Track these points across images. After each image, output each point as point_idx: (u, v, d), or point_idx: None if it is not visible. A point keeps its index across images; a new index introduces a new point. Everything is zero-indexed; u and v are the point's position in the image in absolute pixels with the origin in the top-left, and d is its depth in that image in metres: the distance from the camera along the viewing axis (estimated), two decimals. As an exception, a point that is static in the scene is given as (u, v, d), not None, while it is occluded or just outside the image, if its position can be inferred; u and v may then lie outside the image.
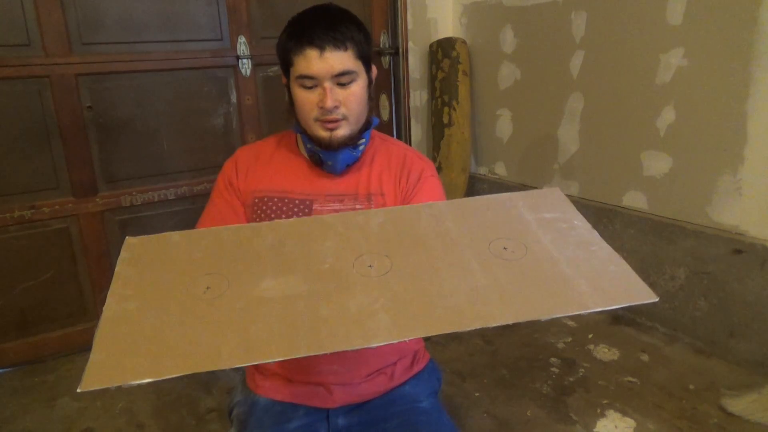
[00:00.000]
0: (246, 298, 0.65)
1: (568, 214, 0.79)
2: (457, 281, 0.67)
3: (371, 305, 0.64)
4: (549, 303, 0.64)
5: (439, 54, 2.66)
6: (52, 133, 1.94)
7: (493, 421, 1.64)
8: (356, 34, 0.92)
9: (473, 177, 2.83)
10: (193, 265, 0.70)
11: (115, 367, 0.57)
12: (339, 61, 0.89)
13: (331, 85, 0.90)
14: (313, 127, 0.94)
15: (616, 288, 0.66)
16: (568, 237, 0.75)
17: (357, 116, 0.95)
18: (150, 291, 0.66)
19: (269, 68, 2.31)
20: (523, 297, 0.65)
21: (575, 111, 2.25)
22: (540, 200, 0.75)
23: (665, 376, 1.79)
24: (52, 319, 2.07)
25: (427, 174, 1.02)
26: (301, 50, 0.89)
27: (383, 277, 0.68)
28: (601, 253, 0.73)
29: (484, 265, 0.70)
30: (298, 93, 0.93)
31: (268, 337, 0.60)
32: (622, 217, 2.13)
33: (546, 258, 0.71)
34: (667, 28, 1.86)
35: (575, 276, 0.68)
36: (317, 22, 0.90)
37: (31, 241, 1.97)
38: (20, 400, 1.83)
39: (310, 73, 0.90)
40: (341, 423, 0.97)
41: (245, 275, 0.68)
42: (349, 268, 0.69)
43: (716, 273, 1.85)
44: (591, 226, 0.77)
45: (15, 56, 1.84)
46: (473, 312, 0.63)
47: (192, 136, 2.20)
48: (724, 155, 1.78)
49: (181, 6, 2.08)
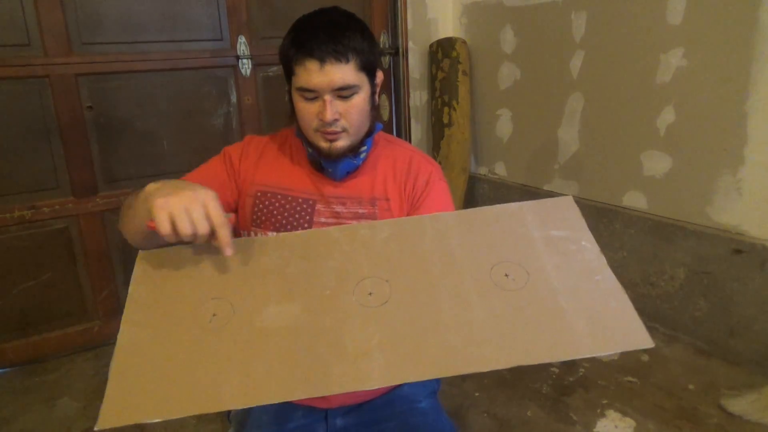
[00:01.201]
0: (249, 328, 0.69)
1: (577, 231, 0.78)
2: (455, 315, 0.68)
3: (367, 342, 0.67)
4: (542, 348, 0.65)
5: (439, 54, 2.66)
6: (52, 133, 1.94)
7: (493, 421, 1.64)
8: (360, 43, 0.88)
9: (473, 177, 2.83)
10: (202, 287, 0.74)
11: (128, 407, 0.63)
12: (340, 75, 0.86)
13: (331, 98, 0.88)
14: (313, 136, 0.93)
15: (613, 331, 0.66)
16: (573, 262, 0.74)
17: (357, 128, 0.93)
18: (160, 319, 0.71)
19: (269, 68, 2.31)
20: (517, 340, 0.66)
21: (575, 111, 2.25)
22: (550, 212, 0.74)
23: (665, 376, 1.79)
24: (52, 319, 2.07)
25: (434, 178, 1.01)
26: (302, 61, 0.87)
27: (382, 308, 0.70)
28: (605, 284, 0.72)
29: (483, 296, 0.70)
30: (299, 103, 0.91)
31: (267, 378, 0.64)
32: (622, 217, 2.13)
33: (546, 291, 0.71)
34: (667, 28, 1.86)
35: (574, 313, 0.68)
36: (320, 31, 0.86)
37: (31, 241, 1.97)
38: (20, 400, 1.83)
39: (309, 86, 0.87)
40: (339, 423, 0.97)
41: (249, 300, 0.72)
42: (350, 295, 0.72)
43: (716, 273, 1.85)
44: (599, 248, 0.76)
45: (15, 56, 1.84)
46: (467, 354, 0.65)
47: (192, 136, 2.20)
48: (724, 155, 1.78)
49: (181, 6, 2.08)
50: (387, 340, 0.67)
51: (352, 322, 0.69)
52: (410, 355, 0.65)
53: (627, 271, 2.14)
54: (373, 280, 0.73)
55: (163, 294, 0.73)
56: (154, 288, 0.74)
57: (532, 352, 0.65)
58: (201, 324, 0.70)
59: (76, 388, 1.89)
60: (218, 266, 0.76)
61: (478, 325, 0.68)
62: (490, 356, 0.65)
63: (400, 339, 0.67)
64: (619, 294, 0.71)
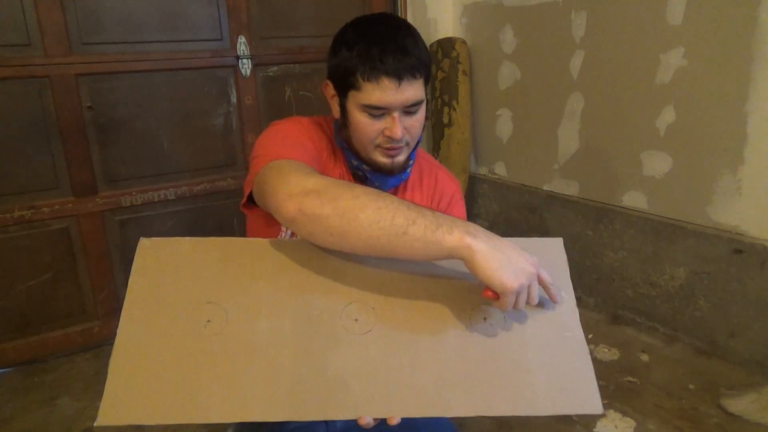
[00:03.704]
0: (239, 341, 0.72)
1: (559, 280, 0.81)
2: (431, 355, 0.73)
3: (346, 370, 0.71)
4: (504, 401, 0.71)
5: (439, 54, 2.66)
6: (52, 133, 1.94)
7: (493, 421, 1.64)
8: (425, 54, 0.85)
9: (473, 177, 2.83)
10: (199, 287, 0.76)
11: (125, 408, 0.67)
12: (413, 93, 0.83)
13: (399, 115, 0.85)
14: (372, 153, 0.89)
15: (569, 394, 0.73)
16: (549, 313, 0.79)
17: (416, 140, 0.92)
18: (157, 316, 0.73)
19: (269, 68, 2.31)
20: (483, 389, 0.71)
21: (575, 111, 2.25)
22: (539, 254, 0.75)
23: (665, 376, 1.79)
24: (52, 319, 2.07)
25: (456, 198, 1.01)
26: (377, 79, 0.82)
27: (364, 337, 0.74)
28: (572, 343, 0.77)
29: (459, 338, 0.75)
30: (361, 119, 0.86)
31: (251, 396, 0.69)
32: (622, 217, 2.13)
33: (518, 342, 0.75)
34: (667, 28, 1.86)
35: (538, 369, 0.74)
36: (390, 44, 0.82)
37: (31, 241, 1.97)
38: (20, 400, 1.83)
39: (382, 104, 0.83)
40: (339, 424, 0.97)
41: (242, 311, 0.74)
42: (336, 318, 0.75)
43: (716, 273, 1.85)
44: (575, 302, 0.81)
45: (15, 56, 1.84)
46: (437, 397, 0.70)
47: (192, 136, 2.20)
48: (724, 155, 1.78)
49: (181, 6, 2.08)
50: (365, 372, 0.71)
51: (335, 347, 0.73)
52: (383, 392, 0.70)
53: (627, 271, 2.14)
54: (359, 305, 0.76)
55: (161, 289, 0.75)
56: (154, 281, 0.76)
57: (493, 404, 0.71)
58: (196, 329, 0.73)
59: (76, 388, 1.89)
60: (215, 266, 0.78)
61: (451, 369, 0.73)
62: (457, 403, 0.70)
63: (377, 373, 0.71)
64: (583, 354, 0.77)
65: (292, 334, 0.73)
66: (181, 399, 0.68)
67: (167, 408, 0.67)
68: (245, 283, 0.76)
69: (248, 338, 0.72)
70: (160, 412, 0.67)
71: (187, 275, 0.76)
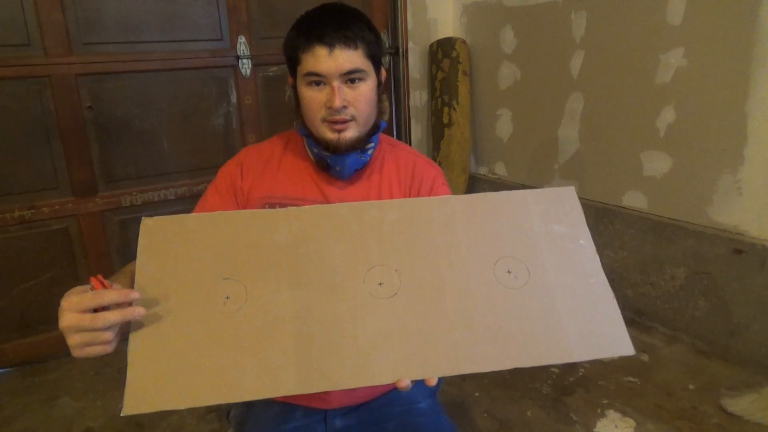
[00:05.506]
0: (263, 314, 0.70)
1: (576, 228, 0.81)
2: (460, 312, 0.73)
3: (378, 336, 0.70)
4: (538, 351, 0.71)
5: (439, 54, 2.66)
6: (52, 133, 1.94)
7: (493, 421, 1.64)
8: (367, 33, 0.89)
9: (473, 177, 2.83)
10: (212, 264, 0.73)
11: (151, 394, 0.65)
12: (348, 60, 0.87)
13: (339, 84, 0.88)
14: (320, 128, 0.91)
15: (600, 337, 0.72)
16: (570, 262, 0.78)
17: (365, 118, 0.93)
18: (172, 297, 0.70)
19: (269, 68, 2.31)
20: (516, 341, 0.71)
21: (575, 111, 2.25)
22: (552, 204, 0.76)
23: (665, 376, 1.78)
24: (52, 319, 2.04)
25: (438, 183, 1.01)
26: (310, 47, 0.87)
27: (391, 300, 0.73)
28: (597, 288, 0.77)
29: (486, 293, 0.74)
30: (305, 92, 0.90)
31: (284, 369, 0.66)
32: (622, 217, 2.13)
33: (545, 291, 0.75)
34: (667, 28, 1.86)
35: (567, 317, 0.73)
36: (327, 20, 0.87)
37: (31, 241, 1.97)
38: (20, 400, 1.83)
39: (318, 71, 0.87)
40: (339, 424, 0.97)
41: (262, 283, 0.72)
42: (360, 283, 0.73)
43: (716, 273, 1.85)
44: (594, 247, 0.80)
45: (15, 56, 1.84)
46: (471, 354, 0.70)
47: (192, 136, 2.20)
48: (724, 155, 1.78)
49: (181, 6, 2.08)
50: (396, 335, 0.70)
51: (363, 312, 0.71)
52: (418, 353, 0.69)
53: (627, 271, 2.14)
54: (383, 268, 0.75)
55: (172, 268, 0.72)
56: (162, 261, 0.73)
57: (528, 355, 0.70)
58: (215, 306, 0.70)
59: (76, 388, 1.89)
60: (228, 240, 0.75)
61: (481, 324, 0.71)
62: (491, 356, 0.69)
63: (409, 335, 0.70)
64: (609, 298, 0.76)
65: (318, 303, 0.71)
66: (211, 380, 0.65)
67: (197, 390, 0.65)
68: (262, 255, 0.74)
69: (272, 311, 0.70)
70: (190, 395, 0.65)
71: (199, 252, 0.74)
